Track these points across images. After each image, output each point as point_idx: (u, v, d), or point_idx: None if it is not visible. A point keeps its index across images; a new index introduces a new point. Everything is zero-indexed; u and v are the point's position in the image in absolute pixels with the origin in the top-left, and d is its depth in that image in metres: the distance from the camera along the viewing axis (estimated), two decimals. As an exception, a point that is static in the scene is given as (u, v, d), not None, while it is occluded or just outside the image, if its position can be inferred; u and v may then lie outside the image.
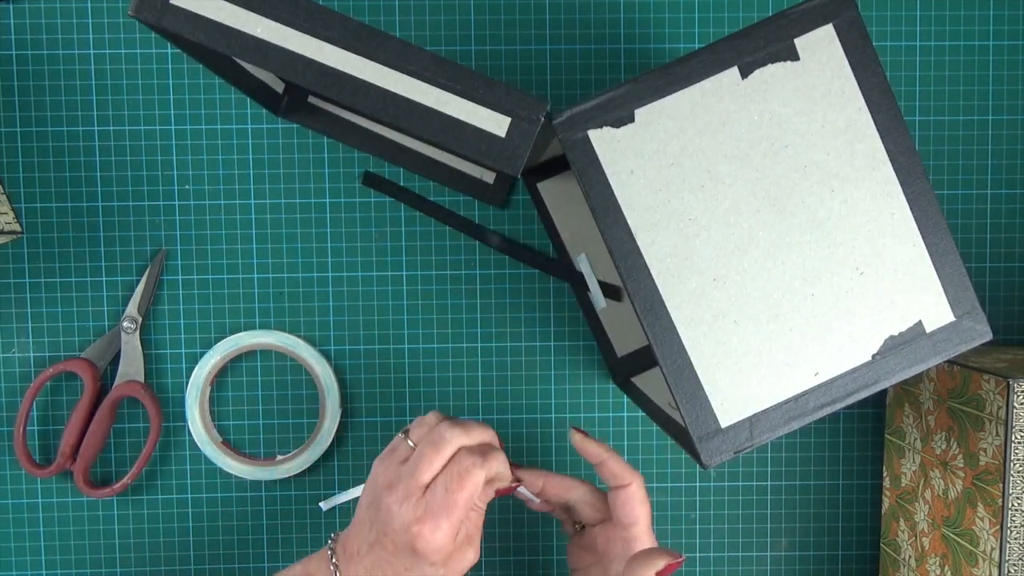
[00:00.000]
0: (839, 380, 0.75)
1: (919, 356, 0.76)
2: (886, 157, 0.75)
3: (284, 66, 0.70)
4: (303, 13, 0.69)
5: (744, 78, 0.74)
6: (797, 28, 0.74)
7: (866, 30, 0.74)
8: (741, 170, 0.74)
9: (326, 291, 1.07)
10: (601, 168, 0.74)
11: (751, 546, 1.11)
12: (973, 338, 0.76)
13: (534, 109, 0.71)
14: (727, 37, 0.74)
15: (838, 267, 0.75)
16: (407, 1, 1.06)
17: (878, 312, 0.75)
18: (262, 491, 1.09)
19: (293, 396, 1.08)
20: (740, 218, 0.75)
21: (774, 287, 0.75)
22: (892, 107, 0.74)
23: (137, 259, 1.07)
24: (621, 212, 0.74)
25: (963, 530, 0.92)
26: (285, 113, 1.04)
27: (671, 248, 0.74)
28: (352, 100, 0.70)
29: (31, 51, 1.05)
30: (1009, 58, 1.07)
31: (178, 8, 0.69)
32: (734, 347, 0.75)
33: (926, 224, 0.75)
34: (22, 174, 1.06)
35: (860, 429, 1.10)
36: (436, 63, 0.70)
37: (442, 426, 0.88)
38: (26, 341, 1.07)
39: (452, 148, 0.71)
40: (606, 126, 0.74)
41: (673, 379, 0.75)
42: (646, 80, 0.74)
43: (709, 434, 0.75)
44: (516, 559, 1.10)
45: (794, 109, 0.74)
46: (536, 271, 1.08)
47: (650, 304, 0.74)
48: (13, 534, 1.08)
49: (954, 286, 0.76)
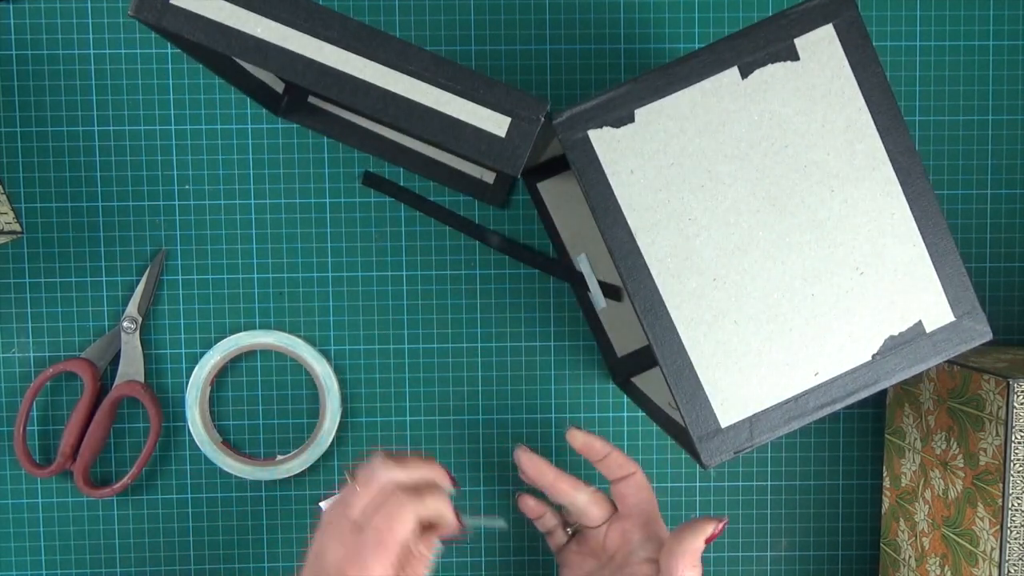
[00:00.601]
0: (839, 380, 0.75)
1: (919, 356, 0.76)
2: (886, 157, 0.75)
3: (284, 66, 0.70)
4: (303, 13, 0.69)
5: (744, 78, 0.74)
6: (797, 28, 0.74)
7: (866, 30, 0.74)
8: (741, 170, 0.74)
9: (326, 291, 1.07)
10: (601, 168, 0.74)
11: (751, 546, 1.11)
12: (973, 338, 0.76)
13: (534, 109, 0.71)
14: (727, 37, 0.74)
15: (838, 267, 0.75)
16: (407, 1, 1.06)
17: (878, 312, 0.75)
18: (262, 491, 1.09)
19: (293, 396, 1.08)
20: (740, 218, 0.75)
21: (774, 287, 0.75)
22: (892, 107, 0.74)
23: (137, 259, 1.07)
24: (621, 212, 0.74)
25: (963, 530, 0.92)
26: (285, 113, 1.04)
27: (671, 248, 0.74)
28: (352, 100, 0.70)
29: (31, 51, 1.05)
30: (1009, 58, 1.07)
31: (178, 8, 0.69)
32: (734, 347, 0.75)
33: (926, 224, 0.75)
34: (22, 174, 1.06)
35: (860, 429, 1.10)
36: (436, 63, 0.70)
37: (376, 462, 0.85)
38: (26, 341, 1.07)
39: (452, 148, 0.71)
40: (606, 126, 0.74)
41: (673, 379, 0.75)
42: (646, 80, 0.74)
43: (709, 434, 0.75)
44: (516, 559, 1.10)
45: (794, 109, 0.74)
46: (536, 271, 1.08)
47: (650, 304, 0.74)
48: (13, 534, 1.08)
49: (954, 286, 0.76)
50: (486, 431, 1.09)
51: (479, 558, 1.10)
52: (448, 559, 1.10)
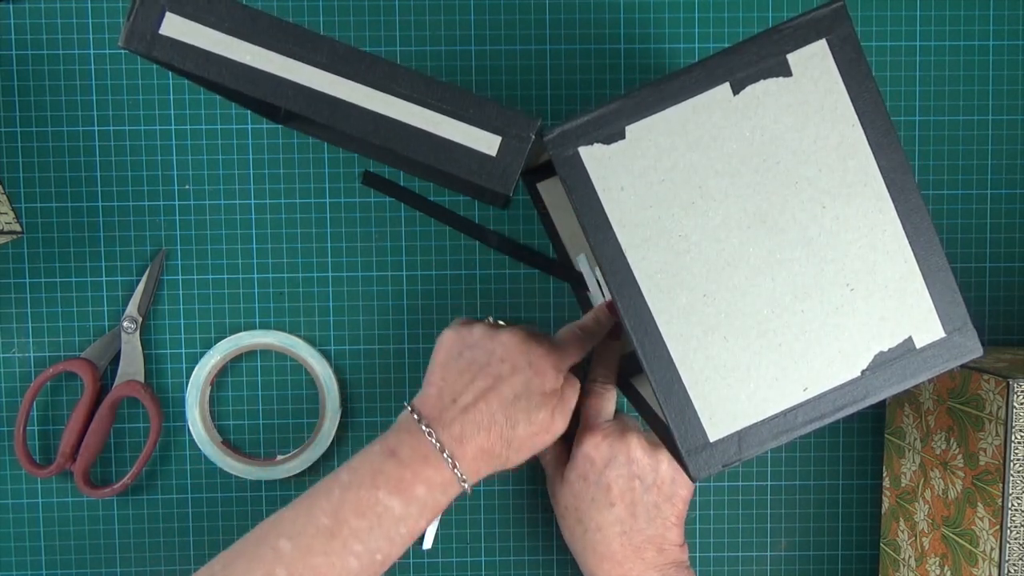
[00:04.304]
0: (828, 395, 0.75)
1: (909, 372, 0.76)
2: (878, 173, 0.74)
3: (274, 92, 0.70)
4: (291, 38, 0.69)
5: (736, 94, 0.74)
6: (790, 43, 0.74)
7: (860, 45, 0.74)
8: (732, 186, 0.74)
9: (326, 291, 1.08)
10: (591, 185, 0.74)
11: (751, 546, 1.11)
12: (963, 354, 0.76)
13: (524, 127, 0.71)
14: (719, 53, 0.74)
15: (828, 283, 0.75)
16: (407, 2, 1.06)
17: (868, 328, 0.75)
18: (262, 491, 1.09)
19: (293, 396, 1.09)
20: (731, 234, 0.74)
21: (764, 303, 0.75)
22: (885, 123, 0.74)
23: (137, 259, 1.07)
24: (611, 229, 0.74)
25: (963, 530, 0.92)
26: (285, 121, 1.04)
27: (661, 264, 0.74)
28: (343, 124, 0.70)
29: (31, 51, 1.05)
30: (1009, 58, 1.07)
31: (167, 38, 0.70)
32: (724, 362, 0.75)
33: (918, 240, 0.75)
34: (22, 174, 1.06)
35: (860, 429, 1.10)
36: (425, 83, 0.70)
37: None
38: (26, 341, 1.07)
39: (444, 168, 0.71)
40: (597, 143, 0.74)
41: (662, 394, 0.75)
42: (637, 96, 0.74)
43: (697, 448, 0.75)
44: (516, 559, 1.10)
45: (786, 125, 0.74)
46: (536, 271, 1.08)
47: (640, 320, 0.74)
48: (13, 534, 1.08)
49: (945, 302, 0.76)
50: (485, 431, 1.09)
51: (479, 558, 1.10)
52: (448, 559, 1.10)
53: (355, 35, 1.06)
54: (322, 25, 1.06)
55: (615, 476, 0.95)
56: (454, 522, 1.10)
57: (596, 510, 0.95)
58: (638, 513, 0.94)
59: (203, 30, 0.70)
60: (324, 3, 1.05)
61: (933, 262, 0.75)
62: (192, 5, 0.70)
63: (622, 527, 0.94)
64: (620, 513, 0.94)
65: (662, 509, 0.95)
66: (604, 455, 0.96)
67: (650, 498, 0.95)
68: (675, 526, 0.96)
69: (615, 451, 0.95)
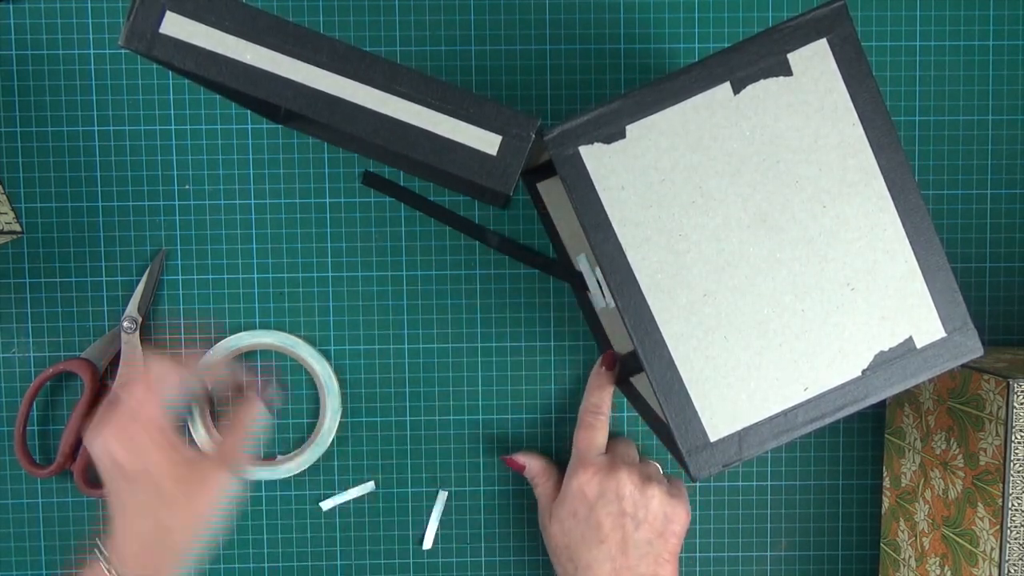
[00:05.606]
0: (828, 395, 0.75)
1: (909, 372, 0.76)
2: (879, 172, 0.74)
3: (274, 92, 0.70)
4: (291, 38, 0.69)
5: (736, 93, 0.74)
6: (790, 43, 0.74)
7: (860, 45, 0.74)
8: (732, 186, 0.74)
9: (326, 291, 1.08)
10: (592, 184, 0.74)
11: (751, 546, 1.11)
12: (964, 354, 0.76)
13: (525, 126, 0.71)
14: (719, 52, 0.74)
15: (829, 283, 0.75)
16: (407, 2, 1.06)
17: (868, 328, 0.75)
18: (262, 491, 1.09)
19: (293, 396, 1.09)
20: (731, 234, 0.74)
21: (765, 303, 0.75)
22: (886, 122, 0.74)
23: (137, 259, 1.07)
24: (612, 228, 0.74)
25: (963, 530, 0.92)
26: (285, 121, 1.04)
27: (661, 264, 0.74)
28: (343, 124, 0.70)
29: (31, 51, 1.05)
30: (1009, 58, 1.07)
31: (167, 37, 0.69)
32: (724, 362, 0.75)
33: (918, 240, 0.75)
34: (22, 174, 1.06)
35: (860, 429, 1.10)
36: (425, 82, 0.70)
37: None
38: (26, 341, 1.07)
39: (444, 168, 0.71)
40: (597, 142, 0.74)
41: (663, 394, 0.75)
42: (637, 96, 0.74)
43: (698, 448, 0.75)
44: (516, 559, 1.10)
45: (786, 124, 0.74)
46: (536, 271, 1.08)
47: (640, 319, 0.74)
48: (13, 534, 1.08)
49: (946, 302, 0.76)
50: (486, 431, 1.09)
51: (479, 558, 1.10)
52: (448, 559, 1.10)
53: (355, 35, 1.06)
54: (322, 25, 1.06)
55: (605, 513, 0.95)
56: (454, 522, 1.10)
57: (587, 548, 0.95)
58: (629, 550, 0.94)
59: (203, 29, 0.69)
60: (324, 3, 1.05)
61: (933, 262, 0.75)
62: (193, 4, 0.70)
63: (613, 565, 0.94)
64: (611, 550, 0.94)
65: (654, 546, 0.95)
66: (594, 491, 0.96)
67: (641, 535, 0.94)
68: (668, 563, 0.95)
69: (605, 487, 0.95)
